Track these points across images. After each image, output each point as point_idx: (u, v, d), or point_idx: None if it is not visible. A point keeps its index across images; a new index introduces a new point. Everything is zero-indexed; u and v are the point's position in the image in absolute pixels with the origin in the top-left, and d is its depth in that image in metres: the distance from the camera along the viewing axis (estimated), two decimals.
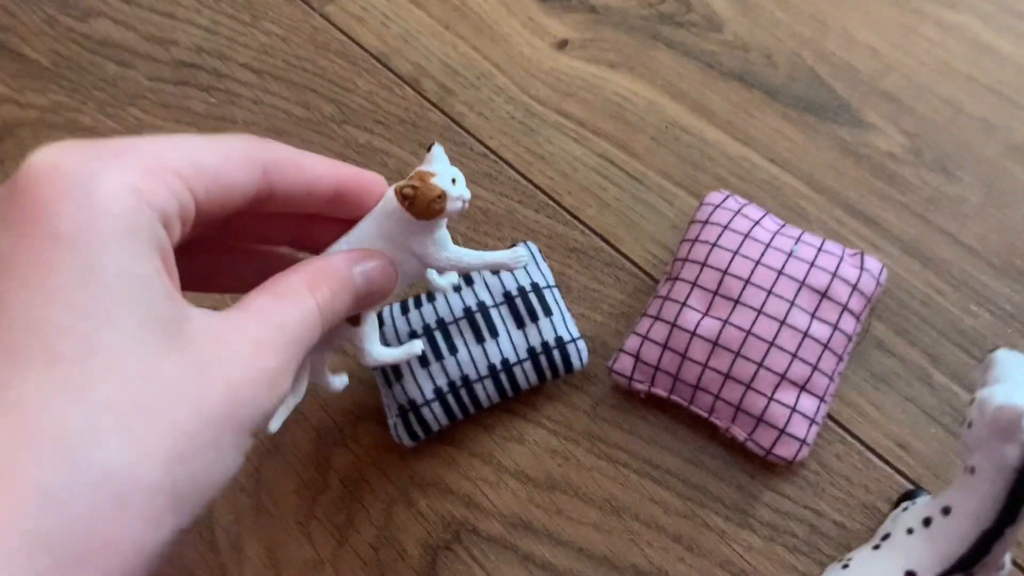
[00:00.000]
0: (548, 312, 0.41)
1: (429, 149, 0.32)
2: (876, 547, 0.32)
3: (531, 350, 0.41)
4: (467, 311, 0.41)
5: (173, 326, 0.23)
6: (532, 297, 0.41)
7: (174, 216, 0.24)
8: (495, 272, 0.42)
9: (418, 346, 0.34)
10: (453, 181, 0.31)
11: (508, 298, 0.41)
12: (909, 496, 0.38)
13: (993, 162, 0.48)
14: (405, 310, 0.42)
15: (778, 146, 0.50)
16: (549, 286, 0.43)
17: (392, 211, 0.31)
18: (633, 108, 0.52)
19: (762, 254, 0.41)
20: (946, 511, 0.29)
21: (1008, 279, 0.45)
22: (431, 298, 0.42)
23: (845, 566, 0.32)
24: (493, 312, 0.41)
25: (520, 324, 0.41)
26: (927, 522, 0.30)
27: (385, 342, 0.41)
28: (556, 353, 0.41)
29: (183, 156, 0.25)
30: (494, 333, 0.41)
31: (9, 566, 0.19)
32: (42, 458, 0.20)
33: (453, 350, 0.40)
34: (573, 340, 0.42)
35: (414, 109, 0.54)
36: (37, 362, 0.21)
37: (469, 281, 0.42)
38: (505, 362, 0.41)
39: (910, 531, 0.30)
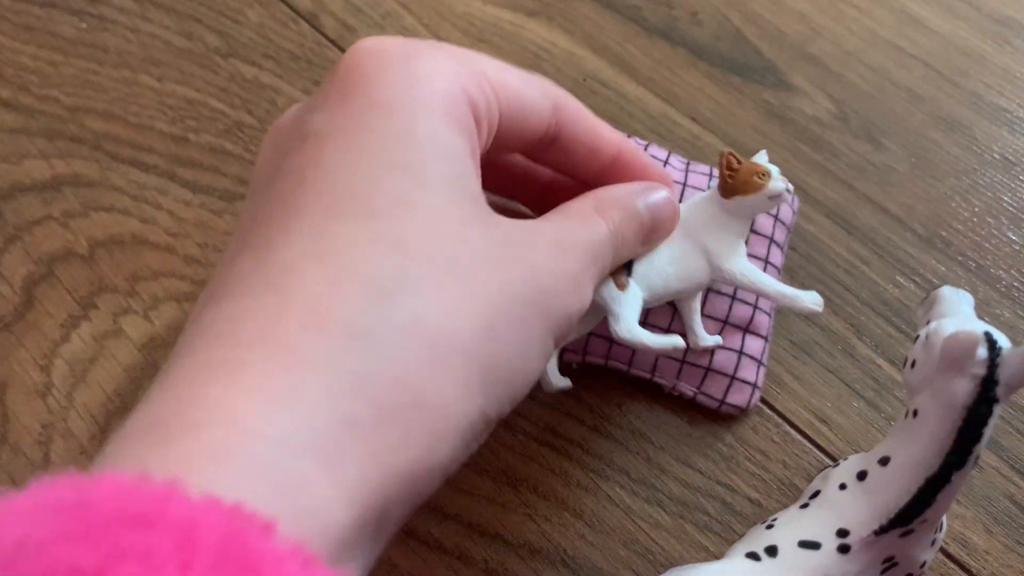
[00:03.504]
0: None
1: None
2: (804, 506, 0.28)
3: None
4: None
5: (481, 204, 0.22)
6: None
7: (483, 117, 0.23)
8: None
9: (680, 341, 0.30)
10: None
11: None
12: None
13: (920, 132, 0.46)
14: None
15: (701, 105, 0.47)
16: None
17: (695, 199, 0.31)
18: (550, 58, 0.49)
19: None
20: (884, 461, 0.25)
21: (934, 250, 0.42)
22: None
23: (769, 527, 0.28)
24: None
25: None
26: (862, 476, 0.26)
27: None
28: None
29: (490, 66, 0.24)
30: None
31: (327, 404, 0.17)
32: (352, 300, 0.19)
33: None
34: None
35: (310, 46, 0.49)
36: (352, 213, 0.20)
37: None
38: None
39: (843, 487, 0.27)
